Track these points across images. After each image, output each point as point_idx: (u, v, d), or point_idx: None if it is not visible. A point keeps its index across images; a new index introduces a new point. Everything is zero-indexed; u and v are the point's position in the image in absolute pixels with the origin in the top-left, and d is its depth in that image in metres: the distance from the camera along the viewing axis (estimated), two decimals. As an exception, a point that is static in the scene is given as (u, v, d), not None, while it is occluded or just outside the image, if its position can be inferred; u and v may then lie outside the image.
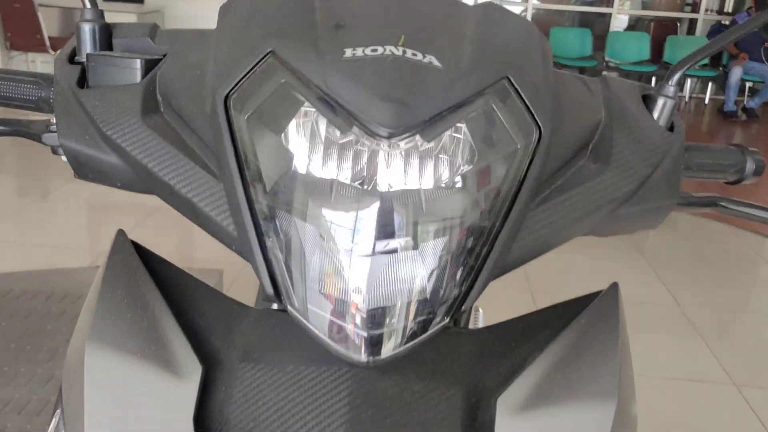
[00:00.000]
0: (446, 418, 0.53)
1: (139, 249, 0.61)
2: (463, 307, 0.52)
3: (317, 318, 0.50)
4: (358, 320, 0.48)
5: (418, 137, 0.47)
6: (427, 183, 0.47)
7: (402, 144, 0.46)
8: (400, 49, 0.49)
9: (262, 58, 0.50)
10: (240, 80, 0.50)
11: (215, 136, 0.52)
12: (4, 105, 0.70)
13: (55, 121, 0.64)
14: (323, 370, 0.54)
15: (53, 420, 0.58)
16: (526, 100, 0.52)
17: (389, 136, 0.46)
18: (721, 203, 0.69)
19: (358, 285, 0.48)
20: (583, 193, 0.58)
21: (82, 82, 0.61)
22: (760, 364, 2.90)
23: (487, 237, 0.51)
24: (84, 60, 0.62)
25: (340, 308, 0.49)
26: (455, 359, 0.57)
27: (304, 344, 0.56)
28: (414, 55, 0.49)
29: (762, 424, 2.45)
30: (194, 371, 0.52)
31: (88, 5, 0.62)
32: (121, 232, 0.62)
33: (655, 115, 0.64)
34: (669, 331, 2.97)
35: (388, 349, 0.50)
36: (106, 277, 0.57)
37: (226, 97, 0.50)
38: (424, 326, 0.50)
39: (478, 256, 0.51)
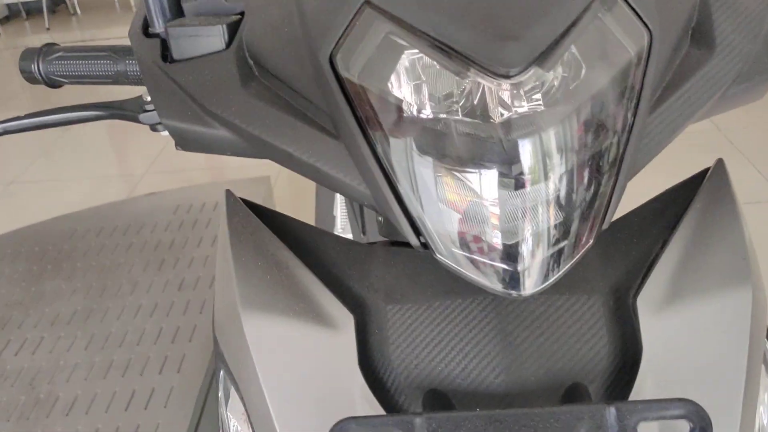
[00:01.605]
0: (593, 325, 0.54)
1: (249, 205, 0.62)
2: (604, 225, 0.51)
3: (461, 259, 0.50)
4: (502, 256, 0.49)
5: (535, 69, 0.45)
6: (548, 108, 0.46)
7: (522, 78, 0.45)
8: None
9: (358, 10, 0.48)
10: (340, 38, 0.48)
11: (326, 98, 0.51)
12: (80, 83, 0.68)
13: (149, 100, 0.62)
14: (469, 302, 0.55)
15: (220, 386, 0.59)
16: (631, 2, 0.50)
17: (510, 75, 0.45)
18: None
19: (496, 220, 0.48)
20: (695, 86, 0.55)
21: (165, 55, 0.59)
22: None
23: (615, 152, 0.50)
24: (160, 32, 0.60)
25: (484, 246, 0.49)
26: (585, 265, 0.57)
27: (439, 278, 0.57)
28: None
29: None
30: (347, 321, 0.54)
31: None
32: (229, 194, 0.62)
33: None
34: (714, 157, 2.90)
35: (537, 281, 0.50)
36: (233, 243, 0.57)
37: (330, 57, 0.49)
38: (570, 250, 0.50)
39: (609, 172, 0.50)
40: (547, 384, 0.53)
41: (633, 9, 0.50)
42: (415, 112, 0.47)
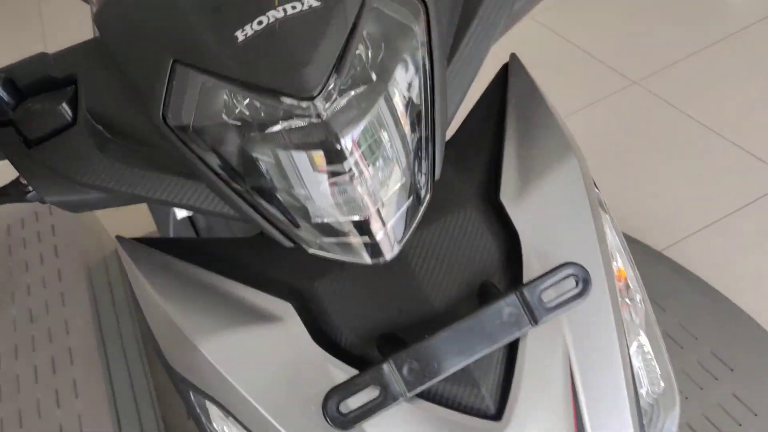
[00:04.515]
0: (476, 231, 0.65)
1: (142, 242, 0.70)
2: (436, 176, 0.60)
3: (329, 247, 0.58)
4: (375, 225, 0.57)
5: (334, 76, 0.51)
6: (356, 103, 0.53)
7: (324, 92, 0.51)
8: (280, 9, 0.52)
9: (171, 70, 0.53)
10: (165, 98, 0.54)
11: (174, 150, 0.56)
12: None
13: (26, 182, 0.65)
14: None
15: (194, 406, 0.65)
16: None
17: (315, 96, 0.51)
18: None
19: (361, 199, 0.55)
20: (485, 14, 0.60)
21: (25, 139, 0.61)
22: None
23: (425, 113, 0.57)
24: (12, 118, 0.61)
25: (356, 226, 0.57)
26: (448, 188, 0.66)
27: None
28: (294, 7, 0.52)
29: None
30: (288, 309, 0.61)
31: None
32: (121, 239, 0.70)
33: None
34: None
35: (405, 235, 0.59)
36: (151, 282, 0.64)
37: (163, 117, 0.54)
38: (414, 209, 0.59)
39: (427, 132, 0.57)
40: (464, 292, 0.62)
41: None
42: (251, 144, 0.53)
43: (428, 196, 0.60)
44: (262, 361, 0.59)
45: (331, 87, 0.51)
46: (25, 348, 1.64)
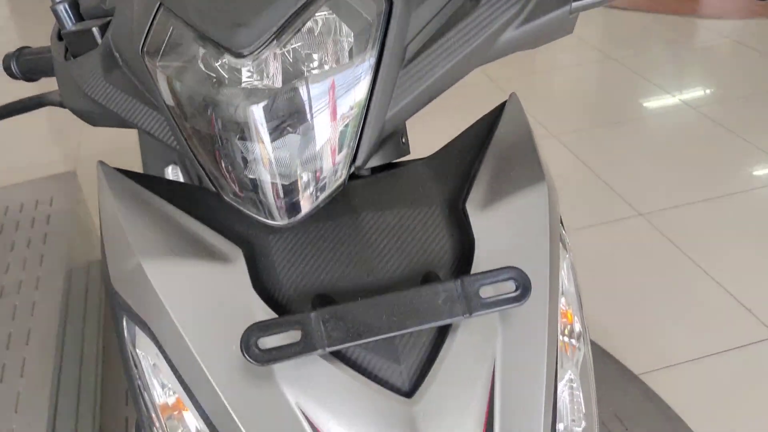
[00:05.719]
0: (435, 228, 0.67)
1: (121, 172, 0.73)
2: (356, 164, 0.62)
3: (245, 199, 0.62)
4: (273, 192, 0.60)
5: (274, 43, 0.55)
6: (293, 72, 0.56)
7: (262, 53, 0.55)
8: None
9: (157, 10, 0.60)
10: (147, 33, 0.61)
11: (149, 84, 0.63)
12: (47, 76, 0.85)
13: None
14: (336, 223, 0.66)
15: (124, 330, 0.65)
16: None
17: (247, 54, 0.55)
18: None
19: (265, 165, 0.59)
20: (458, 33, 0.62)
21: (67, 53, 0.74)
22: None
23: (360, 104, 0.60)
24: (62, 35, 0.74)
25: (259, 187, 0.60)
26: (422, 185, 0.70)
27: None
28: None
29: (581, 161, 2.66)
30: (237, 253, 0.63)
31: None
32: (103, 164, 0.73)
33: None
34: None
35: (304, 209, 0.62)
36: (118, 204, 0.67)
37: (142, 49, 0.61)
38: (327, 185, 0.62)
39: (355, 121, 0.60)
40: (407, 275, 0.64)
41: None
42: (202, 89, 0.58)
43: (341, 180, 0.62)
44: (200, 295, 0.60)
45: (269, 51, 0.56)
46: (-14, 320, 1.62)
